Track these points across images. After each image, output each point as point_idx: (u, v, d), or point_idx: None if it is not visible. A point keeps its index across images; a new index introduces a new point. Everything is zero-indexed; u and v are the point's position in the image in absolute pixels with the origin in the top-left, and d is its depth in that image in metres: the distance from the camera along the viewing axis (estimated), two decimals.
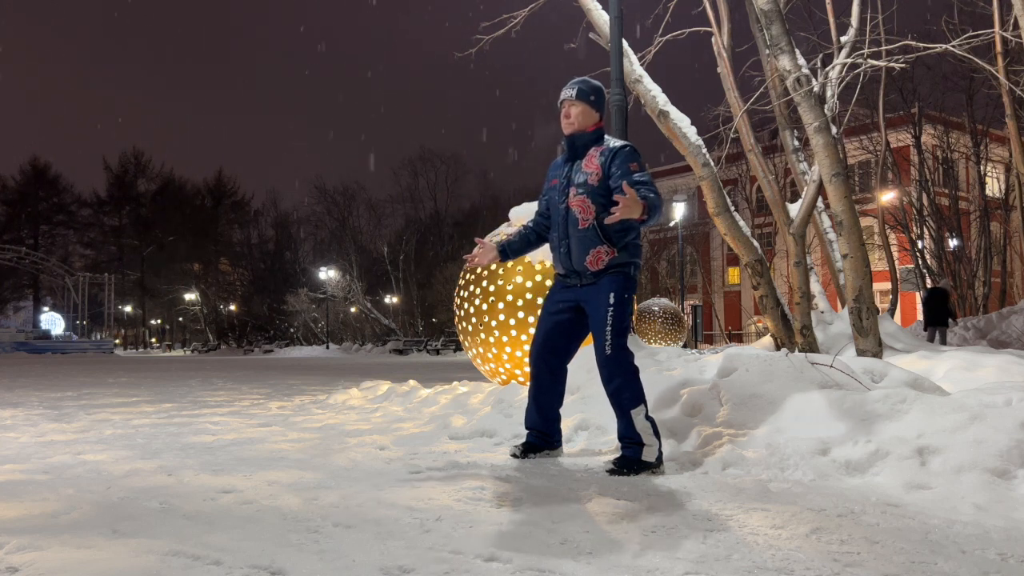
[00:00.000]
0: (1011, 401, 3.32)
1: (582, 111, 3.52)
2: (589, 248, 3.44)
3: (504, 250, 3.81)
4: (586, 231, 3.44)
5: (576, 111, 3.51)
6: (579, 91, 3.53)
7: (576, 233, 3.47)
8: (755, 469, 3.20)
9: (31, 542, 2.13)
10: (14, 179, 63.09)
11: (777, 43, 6.48)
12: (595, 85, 3.57)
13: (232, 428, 4.99)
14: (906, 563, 2.01)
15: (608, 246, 3.42)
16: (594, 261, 3.44)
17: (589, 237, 3.44)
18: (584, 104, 3.52)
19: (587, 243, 3.44)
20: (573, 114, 3.52)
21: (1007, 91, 11.31)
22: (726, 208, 7.64)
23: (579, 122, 3.52)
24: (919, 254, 23.42)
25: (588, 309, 3.49)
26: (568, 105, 3.53)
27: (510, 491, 2.87)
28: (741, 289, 42.79)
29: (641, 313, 14.23)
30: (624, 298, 3.41)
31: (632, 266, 3.48)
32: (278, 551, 2.09)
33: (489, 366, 6.90)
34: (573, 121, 3.52)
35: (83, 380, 11.49)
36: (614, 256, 3.43)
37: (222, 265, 62.56)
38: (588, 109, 3.53)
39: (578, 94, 3.52)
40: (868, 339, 6.12)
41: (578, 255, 3.47)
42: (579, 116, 3.52)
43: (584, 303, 3.51)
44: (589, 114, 3.53)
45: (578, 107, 3.51)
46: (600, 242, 3.42)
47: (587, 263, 3.45)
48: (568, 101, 3.53)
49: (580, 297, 3.52)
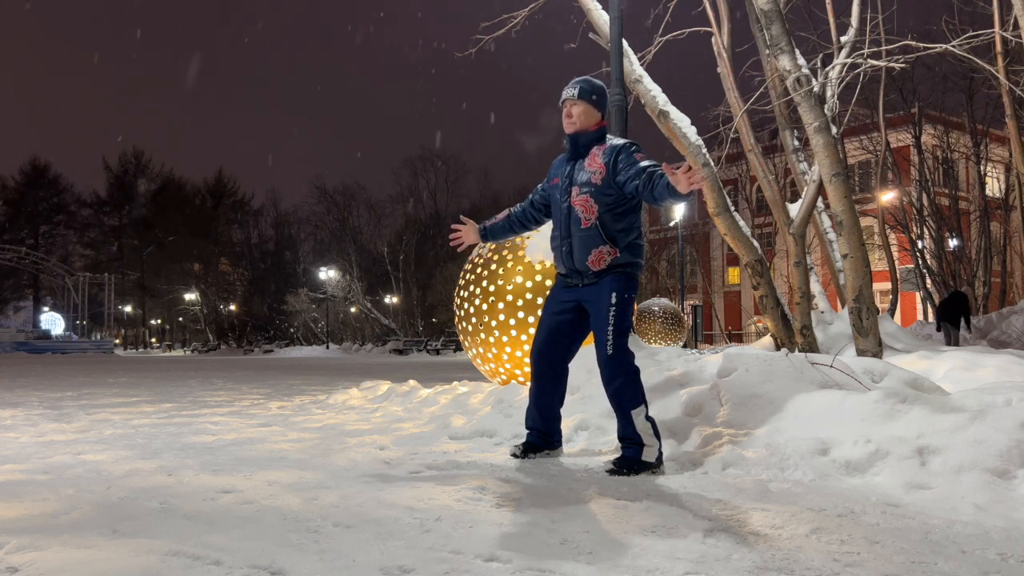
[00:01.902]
0: (1011, 401, 3.32)
1: (584, 110, 3.51)
2: (591, 248, 3.44)
3: (485, 232, 3.89)
4: (588, 230, 3.44)
5: (578, 110, 3.51)
6: (581, 90, 3.52)
7: (578, 232, 3.47)
8: (755, 469, 3.20)
9: (31, 542, 2.13)
10: (14, 179, 63.23)
11: (777, 43, 6.48)
12: (597, 85, 3.57)
13: (232, 428, 4.99)
14: (906, 563, 2.01)
15: (610, 246, 3.42)
16: (596, 261, 3.43)
17: (591, 237, 3.44)
18: (586, 103, 3.51)
19: (589, 243, 3.44)
20: (575, 113, 3.52)
21: (1007, 91, 11.31)
22: (726, 208, 7.64)
23: (581, 121, 3.52)
24: (919, 254, 23.41)
25: (590, 309, 3.49)
26: (570, 104, 3.53)
27: (510, 491, 2.87)
28: (741, 289, 42.78)
29: (641, 313, 14.23)
30: (625, 298, 3.41)
31: (634, 266, 3.48)
32: (278, 551, 2.09)
33: (489, 366, 6.90)
34: (575, 120, 3.52)
35: (83, 380, 11.49)
36: (616, 256, 3.43)
37: (222, 265, 62.53)
38: (590, 108, 3.52)
39: (580, 93, 3.52)
40: (868, 339, 6.12)
41: (580, 255, 3.46)
42: (581, 115, 3.51)
43: (586, 303, 3.51)
44: (591, 113, 3.53)
45: (580, 106, 3.51)
46: (602, 242, 3.42)
47: (589, 263, 3.44)
48: (570, 100, 3.53)
49: (582, 297, 3.52)
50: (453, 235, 3.92)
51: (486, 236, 3.92)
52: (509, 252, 6.75)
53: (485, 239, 3.94)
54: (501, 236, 3.95)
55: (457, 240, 3.91)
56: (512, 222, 3.88)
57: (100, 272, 59.54)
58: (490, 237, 3.93)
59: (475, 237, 3.89)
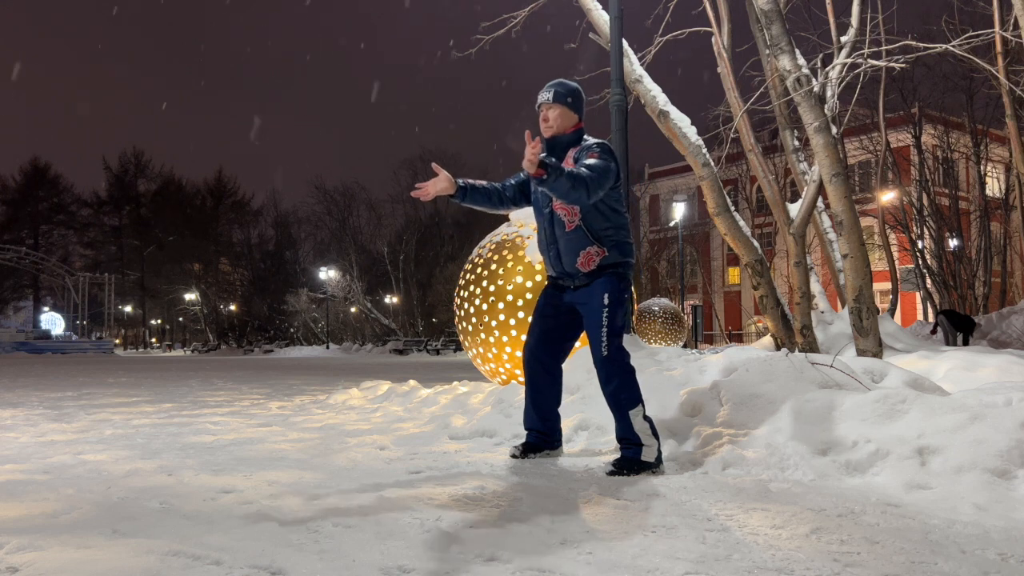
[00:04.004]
0: (1011, 401, 3.31)
1: (560, 113, 3.48)
2: (579, 250, 3.42)
3: (464, 189, 3.51)
4: (573, 233, 3.43)
5: (554, 114, 3.48)
6: (556, 94, 3.49)
7: (564, 236, 3.45)
8: (755, 469, 3.20)
9: (31, 542, 2.13)
10: (14, 179, 63.22)
11: (777, 43, 6.48)
12: (572, 87, 3.53)
13: (232, 428, 4.99)
14: (906, 563, 2.01)
15: (598, 246, 3.40)
16: (585, 262, 3.42)
17: (577, 238, 3.42)
18: (562, 107, 3.48)
19: (576, 245, 3.43)
20: (551, 117, 3.48)
21: (1007, 91, 11.30)
22: (726, 208, 7.64)
23: (558, 125, 3.48)
24: (919, 254, 23.41)
25: (582, 311, 3.48)
26: (545, 109, 3.49)
27: (510, 491, 2.87)
28: (741, 289, 42.78)
29: (641, 313, 14.22)
30: (617, 298, 3.39)
31: (624, 266, 3.46)
32: (278, 551, 2.09)
33: (489, 366, 6.90)
34: (552, 124, 3.48)
35: (83, 380, 11.48)
36: (605, 255, 3.41)
37: (222, 265, 62.52)
38: (566, 111, 3.49)
39: (555, 97, 3.48)
40: (868, 339, 6.13)
41: (568, 258, 3.45)
42: (557, 119, 3.48)
43: (578, 305, 3.49)
44: (567, 116, 3.49)
45: (556, 110, 3.48)
46: (589, 242, 3.41)
47: (578, 264, 3.43)
48: (545, 105, 3.49)
49: (574, 300, 3.51)
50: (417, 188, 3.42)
51: (464, 194, 3.51)
52: (509, 252, 6.75)
53: (462, 197, 3.52)
54: (476, 200, 3.58)
55: (421, 193, 3.41)
56: (490, 192, 3.61)
57: (100, 272, 59.54)
58: (468, 197, 3.53)
59: (448, 187, 3.42)
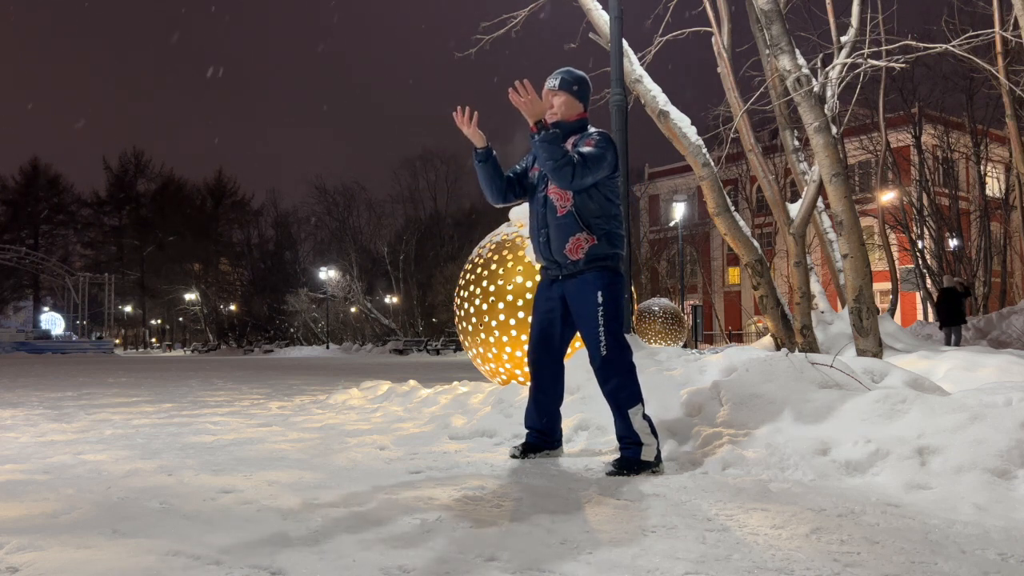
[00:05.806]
0: (1011, 401, 3.31)
1: (564, 101, 3.50)
2: (568, 236, 3.41)
3: (488, 152, 3.53)
4: (564, 218, 3.43)
5: (559, 101, 3.50)
6: (562, 81, 3.51)
7: (554, 220, 3.45)
8: (755, 469, 3.20)
9: (31, 542, 2.13)
10: (14, 179, 63.24)
11: (777, 43, 6.48)
12: (578, 75, 3.55)
13: (232, 428, 4.99)
14: (906, 563, 2.01)
15: (587, 233, 3.40)
16: (573, 249, 3.41)
17: (567, 224, 3.42)
18: (567, 94, 3.50)
19: (566, 230, 3.42)
20: (556, 104, 3.50)
21: (1007, 91, 11.31)
22: (726, 208, 7.64)
23: (561, 112, 3.50)
24: (919, 254, 23.42)
25: (572, 305, 3.46)
26: (551, 95, 3.52)
27: (510, 491, 2.87)
28: (741, 289, 42.79)
29: (641, 313, 14.22)
30: (611, 295, 3.39)
31: (614, 258, 3.44)
32: (278, 551, 2.09)
33: (489, 366, 6.90)
34: (556, 111, 3.50)
35: (83, 380, 11.48)
36: (594, 244, 3.40)
37: (222, 265, 62.55)
38: (571, 99, 3.51)
39: (561, 84, 3.51)
40: (868, 339, 6.13)
41: (557, 243, 3.45)
42: (561, 106, 3.50)
43: (569, 298, 3.48)
44: (572, 104, 3.52)
45: (560, 97, 3.50)
46: (579, 228, 3.40)
47: (567, 251, 3.42)
48: (551, 91, 3.52)
49: (564, 291, 3.49)
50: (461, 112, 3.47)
51: (488, 155, 3.53)
52: (509, 252, 6.75)
53: (486, 157, 3.53)
54: (490, 173, 3.55)
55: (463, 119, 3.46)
56: (500, 170, 3.59)
57: (100, 272, 59.55)
58: (489, 161, 3.53)
59: (479, 141, 3.49)
